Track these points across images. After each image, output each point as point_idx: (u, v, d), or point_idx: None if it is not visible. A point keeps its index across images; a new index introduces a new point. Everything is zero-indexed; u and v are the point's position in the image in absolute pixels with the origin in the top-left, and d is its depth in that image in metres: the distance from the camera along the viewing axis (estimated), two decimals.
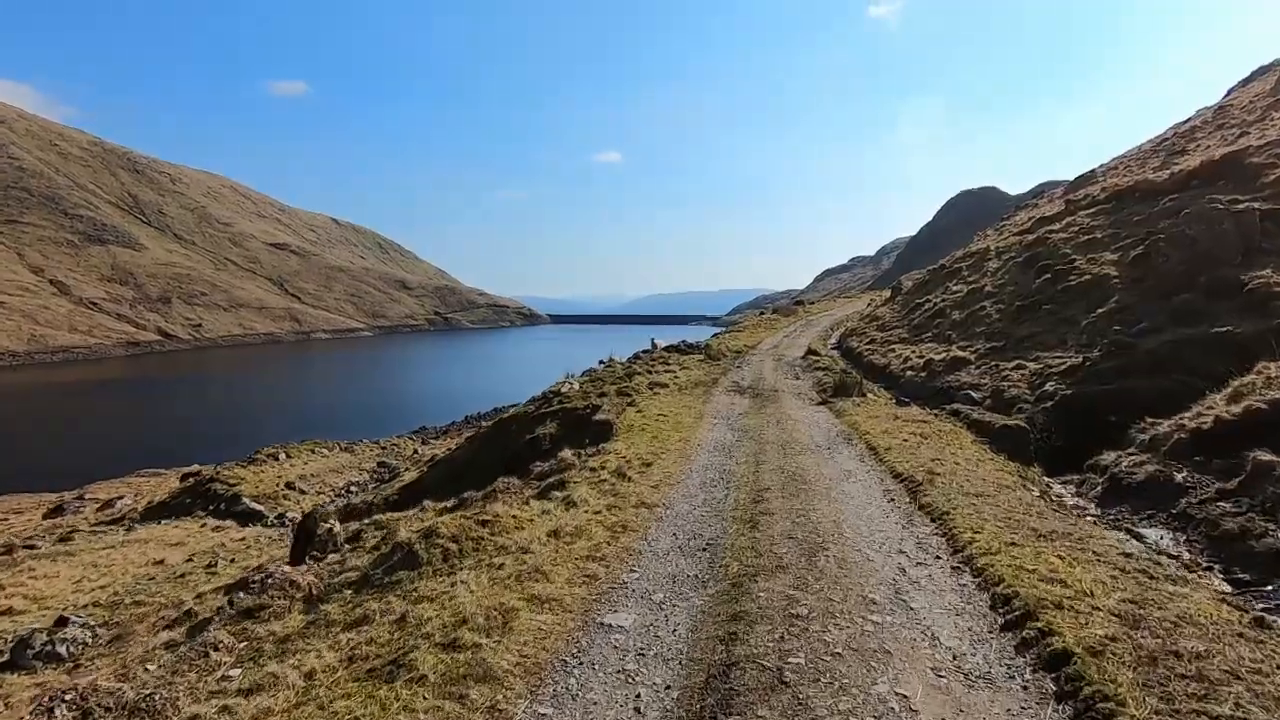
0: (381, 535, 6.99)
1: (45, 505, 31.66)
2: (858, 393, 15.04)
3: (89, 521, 27.92)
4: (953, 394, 16.04)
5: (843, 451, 9.46)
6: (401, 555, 5.64)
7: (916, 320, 24.99)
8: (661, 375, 18.60)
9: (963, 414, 12.14)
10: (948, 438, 10.27)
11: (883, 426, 11.02)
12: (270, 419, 53.69)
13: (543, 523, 6.13)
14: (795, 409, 13.72)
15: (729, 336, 32.10)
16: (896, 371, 20.11)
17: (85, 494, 33.73)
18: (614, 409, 12.48)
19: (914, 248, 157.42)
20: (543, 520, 6.22)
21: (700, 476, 8.02)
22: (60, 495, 33.32)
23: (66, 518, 29.17)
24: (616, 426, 11.12)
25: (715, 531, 6.03)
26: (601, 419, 11.51)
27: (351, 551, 6.70)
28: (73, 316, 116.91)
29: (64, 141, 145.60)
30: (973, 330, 19.86)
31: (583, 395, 16.08)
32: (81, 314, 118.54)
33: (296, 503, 23.88)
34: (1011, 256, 24.03)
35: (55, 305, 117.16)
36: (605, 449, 9.60)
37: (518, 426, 16.24)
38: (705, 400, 14.90)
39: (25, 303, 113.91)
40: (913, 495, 6.94)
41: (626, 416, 12.21)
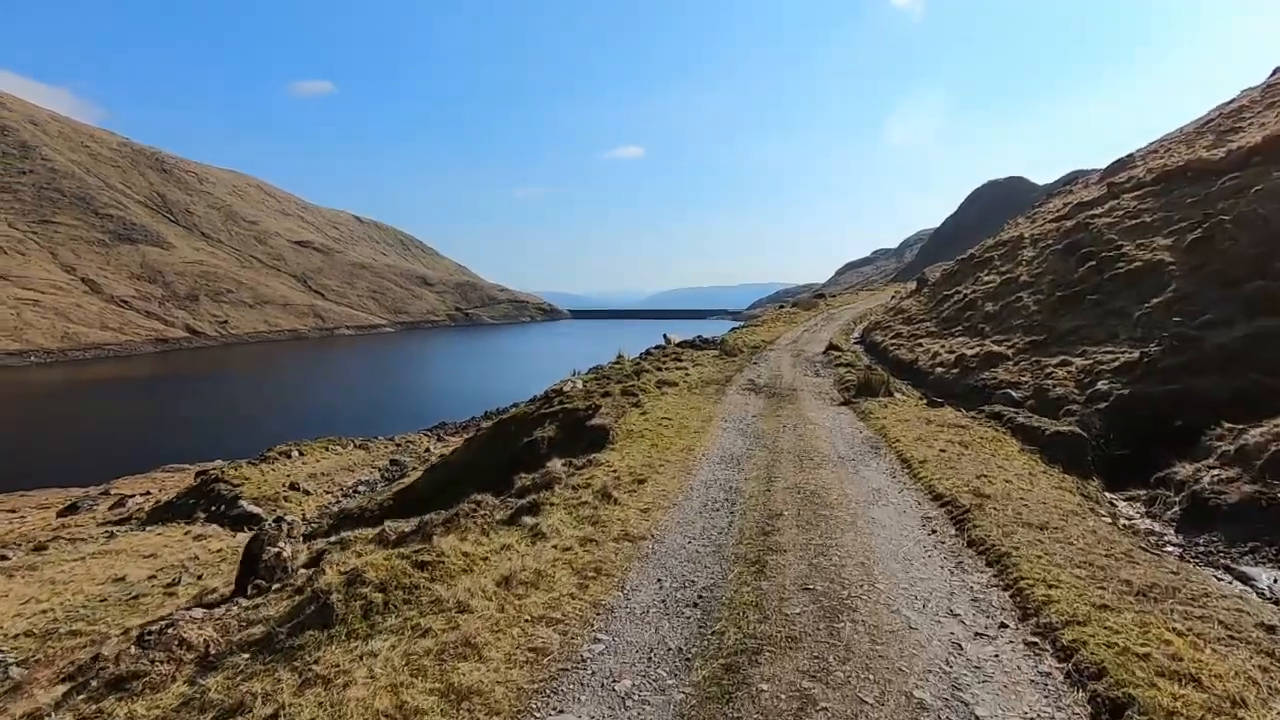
0: (337, 565, 5.84)
1: (70, 499, 31.64)
2: (884, 392, 13.61)
3: (96, 520, 27.44)
4: (990, 393, 14.54)
5: (870, 464, 8.10)
6: (316, 608, 4.45)
7: (945, 313, 23.37)
8: (672, 373, 17.31)
9: (1005, 417, 10.68)
10: (991, 447, 8.85)
11: (915, 432, 9.62)
12: (292, 415, 54.06)
13: (497, 564, 4.89)
14: (815, 411, 12.35)
15: (746, 331, 30.66)
16: (925, 368, 18.60)
17: (110, 489, 33.54)
18: (614, 411, 11.22)
19: (938, 240, 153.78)
20: (498, 560, 4.98)
21: (701, 496, 6.73)
22: (86, 490, 33.21)
23: (81, 515, 28.81)
24: (614, 432, 9.86)
25: (711, 576, 4.75)
26: (597, 424, 10.27)
27: (278, 594, 5.53)
28: (104, 314, 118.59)
29: (95, 143, 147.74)
30: (1009, 323, 18.26)
31: (585, 395, 14.85)
32: (112, 312, 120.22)
33: (299, 504, 23.02)
34: (1048, 244, 22.31)
35: (87, 303, 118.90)
36: (597, 459, 8.36)
37: (516, 428, 15.08)
38: (716, 401, 13.58)
39: (58, 301, 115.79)
40: (959, 526, 5.59)
41: (627, 419, 10.96)
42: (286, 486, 24.82)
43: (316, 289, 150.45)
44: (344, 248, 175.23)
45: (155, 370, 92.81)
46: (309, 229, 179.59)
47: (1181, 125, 40.08)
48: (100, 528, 26.18)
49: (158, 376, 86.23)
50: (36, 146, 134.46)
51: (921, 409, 12.29)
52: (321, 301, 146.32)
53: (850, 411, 12.31)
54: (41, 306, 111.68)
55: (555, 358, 78.50)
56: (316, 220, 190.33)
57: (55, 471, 35.72)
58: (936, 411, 11.92)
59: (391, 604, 4.37)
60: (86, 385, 77.08)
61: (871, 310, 36.43)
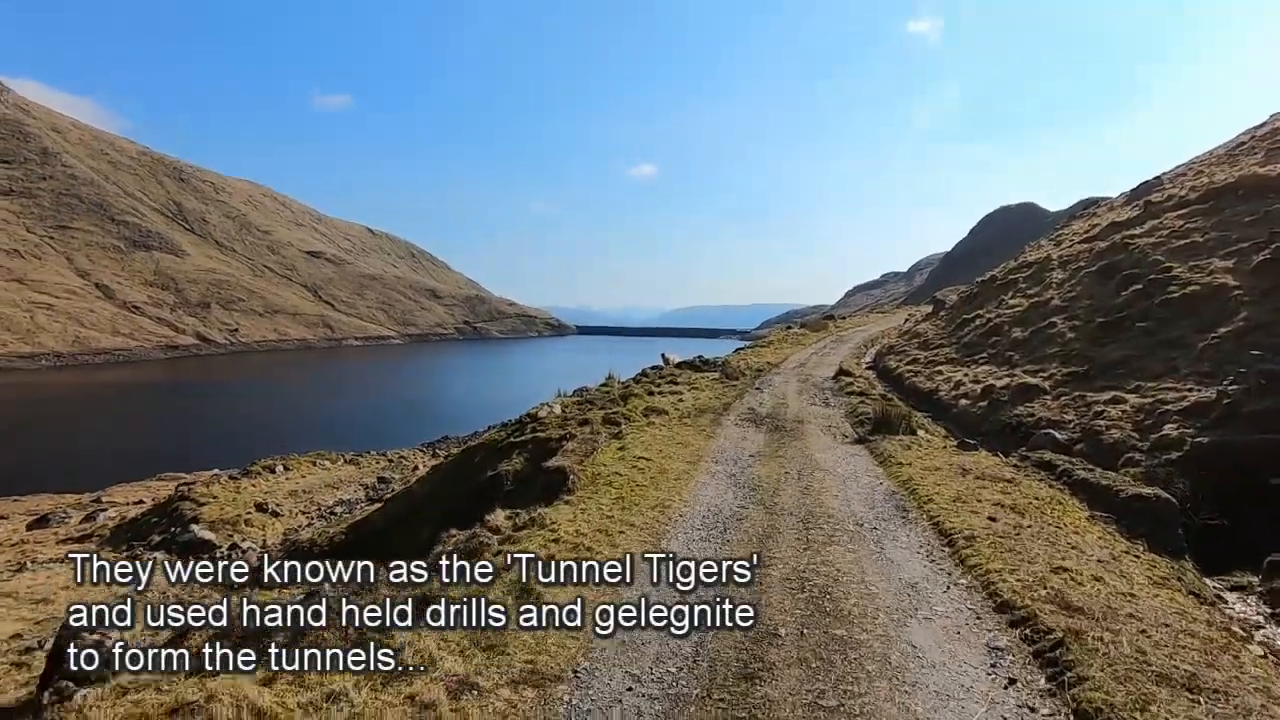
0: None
1: (58, 506, 30.13)
2: (905, 429, 11.54)
3: (57, 537, 25.62)
4: (1027, 432, 12.43)
5: (898, 537, 6.05)
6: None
7: (967, 337, 21.26)
8: (664, 398, 15.31)
9: (1058, 469, 8.59)
10: (1051, 512, 6.78)
11: (950, 488, 7.56)
12: (293, 425, 53.57)
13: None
14: (825, 451, 10.30)
15: (750, 353, 28.63)
16: (947, 398, 16.49)
17: (103, 496, 31.93)
18: (583, 447, 9.22)
19: (948, 264, 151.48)
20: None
21: None
22: (79, 497, 31.67)
23: (49, 529, 27.05)
24: (575, 478, 7.85)
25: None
26: (556, 466, 8.26)
27: None
28: (116, 320, 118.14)
29: (114, 150, 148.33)
30: (1042, 351, 16.14)
31: (561, 422, 12.89)
32: (124, 317, 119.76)
33: (261, 528, 21.06)
34: (1081, 266, 20.22)
35: (99, 308, 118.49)
36: (542, 518, 6.37)
37: (483, 458, 13.11)
38: (709, 435, 11.55)
39: (71, 305, 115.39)
40: (1055, 677, 3.54)
41: (598, 459, 8.96)
42: (252, 508, 22.87)
43: (327, 299, 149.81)
44: (355, 259, 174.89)
45: (164, 376, 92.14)
46: (322, 240, 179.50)
47: (1210, 149, 37.99)
48: (60, 545, 24.31)
49: (166, 383, 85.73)
50: (57, 153, 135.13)
51: (951, 452, 10.21)
52: (331, 312, 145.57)
53: (866, 453, 10.25)
54: (55, 310, 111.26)
55: (557, 374, 76.74)
56: (329, 231, 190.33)
57: (58, 476, 35.03)
58: (970, 456, 9.84)
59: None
60: (95, 390, 76.19)
61: (884, 333, 34.32)
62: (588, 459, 8.66)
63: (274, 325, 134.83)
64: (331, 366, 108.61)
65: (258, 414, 60.73)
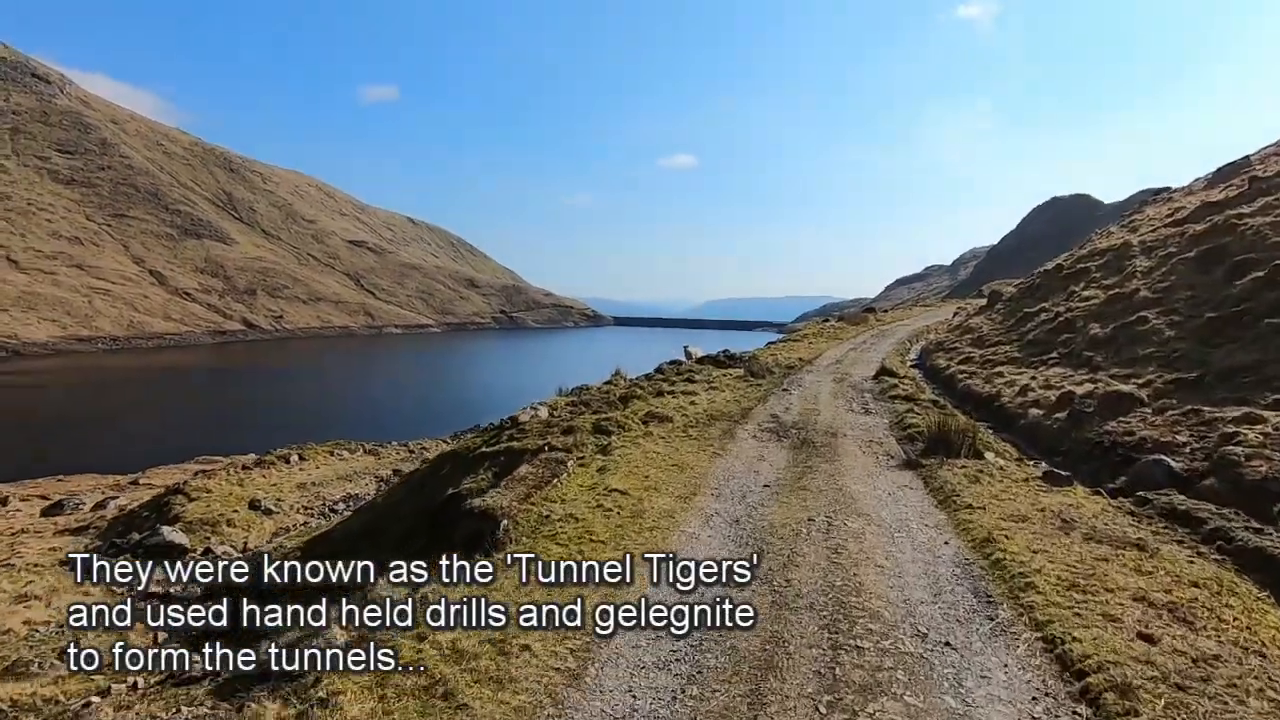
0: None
1: (100, 489, 29.65)
2: (968, 451, 8.87)
3: (56, 527, 24.58)
4: (1125, 455, 9.63)
5: (990, 669, 3.56)
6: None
7: (1031, 334, 18.23)
8: (674, 399, 12.89)
9: (1203, 523, 5.91)
10: (1229, 614, 4.20)
11: (1054, 558, 4.99)
12: (327, 411, 53.28)
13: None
14: (863, 479, 7.76)
15: (782, 347, 25.91)
16: (1012, 406, 13.63)
17: (140, 479, 31.27)
18: (533, 477, 6.88)
19: (994, 257, 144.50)
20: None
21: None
22: (119, 479, 31.11)
23: (53, 518, 26.19)
24: (509, 527, 5.53)
25: None
26: (482, 508, 5.95)
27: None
28: (168, 305, 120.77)
29: (168, 142, 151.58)
30: (1133, 352, 13.16)
31: (543, 429, 10.59)
32: (176, 303, 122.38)
33: (247, 528, 19.36)
34: (1172, 252, 17.00)
35: (153, 294, 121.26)
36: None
37: (450, 469, 10.94)
38: (717, 451, 9.08)
39: (127, 291, 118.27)
40: None
41: (555, 492, 6.62)
42: (244, 505, 21.25)
43: (368, 288, 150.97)
44: (396, 248, 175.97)
45: (212, 360, 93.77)
46: (364, 229, 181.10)
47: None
48: (58, 536, 23.20)
49: (213, 367, 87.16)
50: (115, 144, 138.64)
51: (1036, 488, 7.54)
52: (372, 300, 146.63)
53: (920, 485, 7.67)
54: (111, 296, 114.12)
55: (589, 363, 74.89)
56: (371, 221, 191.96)
57: (109, 456, 34.98)
58: (1064, 496, 7.16)
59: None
60: (148, 373, 77.55)
61: (930, 328, 31.12)
62: (539, 491, 6.31)
63: (317, 312, 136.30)
64: (371, 353, 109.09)
65: (296, 399, 60.82)
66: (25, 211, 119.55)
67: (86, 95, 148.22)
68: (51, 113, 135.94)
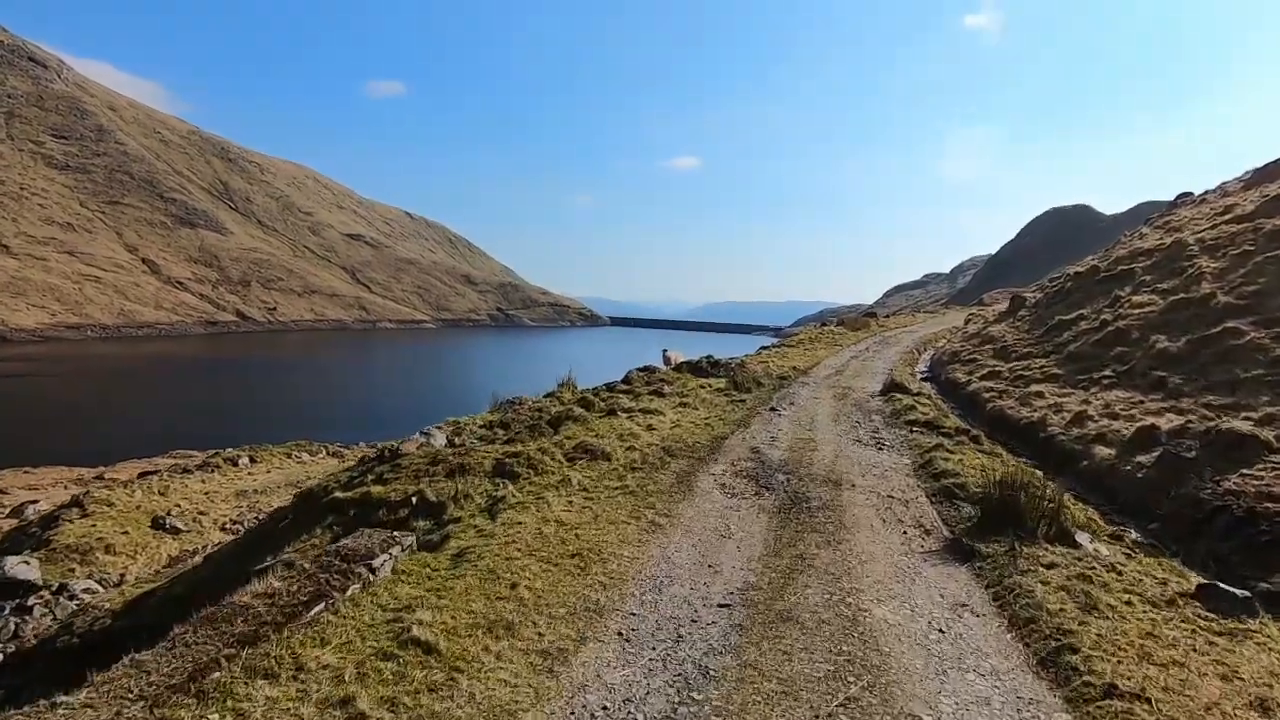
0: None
1: (63, 483, 26.53)
2: (1050, 531, 5.58)
3: None
4: (1260, 531, 6.38)
5: None
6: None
7: (1071, 346, 14.91)
8: (627, 421, 9.58)
9: None
10: None
11: None
12: (310, 405, 51.32)
13: None
14: (890, 591, 4.49)
15: (776, 353, 22.59)
16: (1065, 441, 10.32)
17: (106, 474, 27.99)
18: (283, 597, 3.63)
19: (994, 266, 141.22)
20: None
21: None
22: (80, 473, 27.91)
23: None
24: None
25: None
26: None
27: None
28: (160, 294, 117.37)
29: (166, 129, 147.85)
30: (1228, 373, 9.88)
31: (428, 465, 7.33)
32: (168, 292, 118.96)
33: (135, 553, 16.03)
34: (1250, 251, 13.72)
35: (145, 283, 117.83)
36: None
37: (288, 524, 7.64)
38: (659, 521, 5.80)
39: (118, 279, 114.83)
40: None
41: (280, 653, 3.41)
42: (142, 524, 17.90)
43: (364, 281, 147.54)
44: (393, 243, 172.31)
45: (203, 351, 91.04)
46: (361, 223, 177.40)
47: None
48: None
49: (204, 357, 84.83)
50: (112, 130, 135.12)
51: (1190, 618, 4.25)
52: (367, 294, 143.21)
53: (988, 605, 4.39)
54: (102, 283, 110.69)
55: (579, 362, 71.72)
56: (369, 215, 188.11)
57: (88, 445, 33.32)
58: (1252, 647, 3.91)
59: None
60: (136, 362, 74.63)
61: (938, 335, 27.85)
62: (255, 647, 3.03)
63: (311, 305, 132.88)
64: (362, 348, 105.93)
65: (282, 392, 58.50)
66: (17, 196, 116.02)
67: (83, 81, 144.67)
68: (47, 97, 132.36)
